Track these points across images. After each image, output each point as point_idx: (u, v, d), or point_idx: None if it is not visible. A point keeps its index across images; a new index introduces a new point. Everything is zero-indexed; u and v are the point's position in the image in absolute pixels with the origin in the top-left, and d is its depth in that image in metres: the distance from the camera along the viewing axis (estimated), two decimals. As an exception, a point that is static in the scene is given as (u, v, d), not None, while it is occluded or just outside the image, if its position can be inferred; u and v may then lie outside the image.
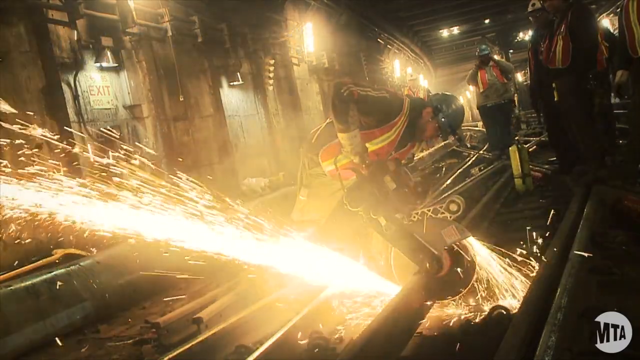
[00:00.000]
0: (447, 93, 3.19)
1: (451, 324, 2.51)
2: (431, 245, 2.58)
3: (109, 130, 5.54)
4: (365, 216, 2.69)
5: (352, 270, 2.84)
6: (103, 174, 2.43)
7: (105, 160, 2.45)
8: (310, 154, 3.05)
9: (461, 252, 2.66)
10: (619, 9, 4.43)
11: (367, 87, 2.81)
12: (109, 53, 5.70)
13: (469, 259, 2.66)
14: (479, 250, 2.70)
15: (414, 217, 2.74)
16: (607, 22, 10.03)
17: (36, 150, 2.45)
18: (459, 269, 2.65)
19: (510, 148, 5.49)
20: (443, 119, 2.91)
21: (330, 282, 2.89)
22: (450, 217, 2.78)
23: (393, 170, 2.75)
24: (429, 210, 2.76)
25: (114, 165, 2.47)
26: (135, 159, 2.53)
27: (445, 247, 2.61)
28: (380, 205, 2.66)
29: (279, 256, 2.75)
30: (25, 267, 4.01)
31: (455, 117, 2.96)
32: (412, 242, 2.61)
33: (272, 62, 9.24)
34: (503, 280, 2.65)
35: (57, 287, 3.52)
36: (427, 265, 2.57)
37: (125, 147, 2.58)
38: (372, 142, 2.86)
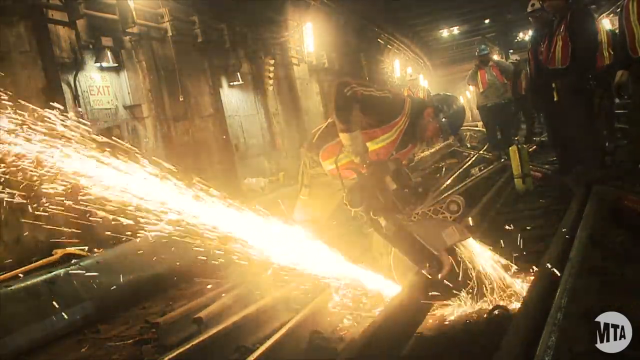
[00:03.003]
0: (448, 93, 3.18)
1: (451, 324, 2.51)
2: (431, 246, 2.58)
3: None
4: (366, 216, 2.69)
5: (352, 270, 2.84)
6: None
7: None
8: (311, 154, 3.04)
9: (461, 252, 2.66)
10: (619, 9, 4.43)
11: (370, 87, 2.80)
12: (109, 53, 5.70)
13: (468, 260, 2.66)
14: (479, 251, 2.70)
15: (414, 217, 2.74)
16: (607, 23, 10.00)
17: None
18: (458, 270, 2.65)
19: (510, 148, 5.49)
20: (444, 120, 2.91)
21: (331, 281, 2.89)
22: (450, 217, 2.78)
23: (393, 170, 2.74)
24: (429, 210, 2.75)
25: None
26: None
27: (445, 248, 2.61)
28: (381, 205, 2.66)
29: (281, 250, 2.77)
30: (25, 267, 4.01)
31: (456, 117, 2.95)
32: (412, 242, 2.60)
33: (272, 62, 9.24)
34: (503, 280, 2.65)
35: (57, 287, 3.52)
36: (427, 265, 2.57)
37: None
38: (374, 141, 2.86)
